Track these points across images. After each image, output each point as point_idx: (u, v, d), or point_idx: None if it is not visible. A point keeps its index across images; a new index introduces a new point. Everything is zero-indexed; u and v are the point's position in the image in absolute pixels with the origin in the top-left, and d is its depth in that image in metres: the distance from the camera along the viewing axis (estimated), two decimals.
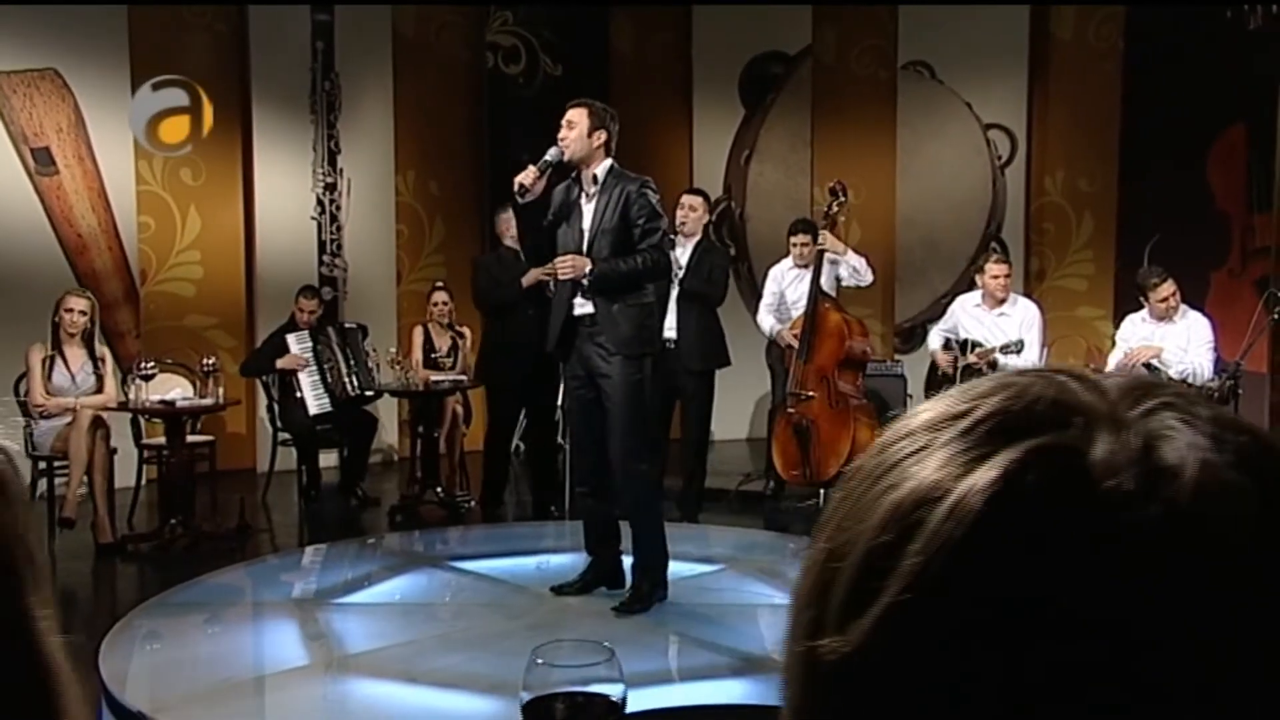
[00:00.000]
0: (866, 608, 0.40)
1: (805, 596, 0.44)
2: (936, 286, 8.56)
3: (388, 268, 8.22)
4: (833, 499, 0.47)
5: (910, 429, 0.44)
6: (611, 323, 4.24)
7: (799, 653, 0.43)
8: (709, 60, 8.87)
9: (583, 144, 4.29)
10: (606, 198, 4.28)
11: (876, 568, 0.40)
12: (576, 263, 4.23)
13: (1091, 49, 8.12)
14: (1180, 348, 5.71)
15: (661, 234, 4.32)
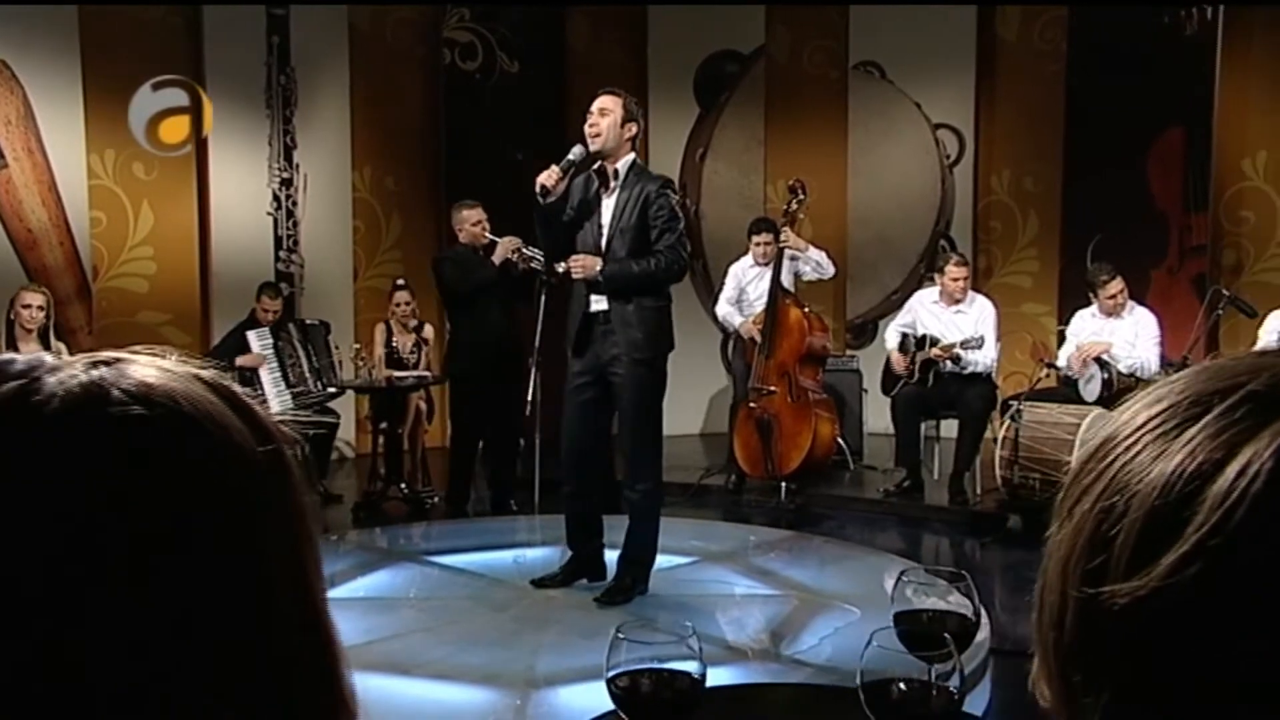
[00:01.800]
0: (1157, 559, 0.48)
1: (1079, 553, 0.52)
2: (887, 283, 8.74)
3: (344, 264, 8.19)
4: (1082, 474, 0.55)
5: (1168, 404, 0.52)
6: (624, 324, 4.22)
7: (1081, 599, 0.51)
8: (664, 59, 8.95)
9: (614, 134, 4.22)
10: (627, 195, 4.23)
11: (1160, 525, 0.48)
12: (587, 263, 4.22)
13: (1036, 51, 8.34)
14: (1129, 342, 5.93)
15: (679, 236, 4.26)
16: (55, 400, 0.58)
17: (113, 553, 0.56)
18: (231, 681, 0.58)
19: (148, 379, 0.60)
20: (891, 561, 5.27)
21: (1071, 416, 5.69)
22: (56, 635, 0.55)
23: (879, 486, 6.64)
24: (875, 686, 1.28)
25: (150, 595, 0.56)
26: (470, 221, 6.22)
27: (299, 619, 0.62)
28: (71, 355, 0.64)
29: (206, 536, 0.58)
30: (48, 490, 0.56)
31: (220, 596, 0.58)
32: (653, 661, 1.32)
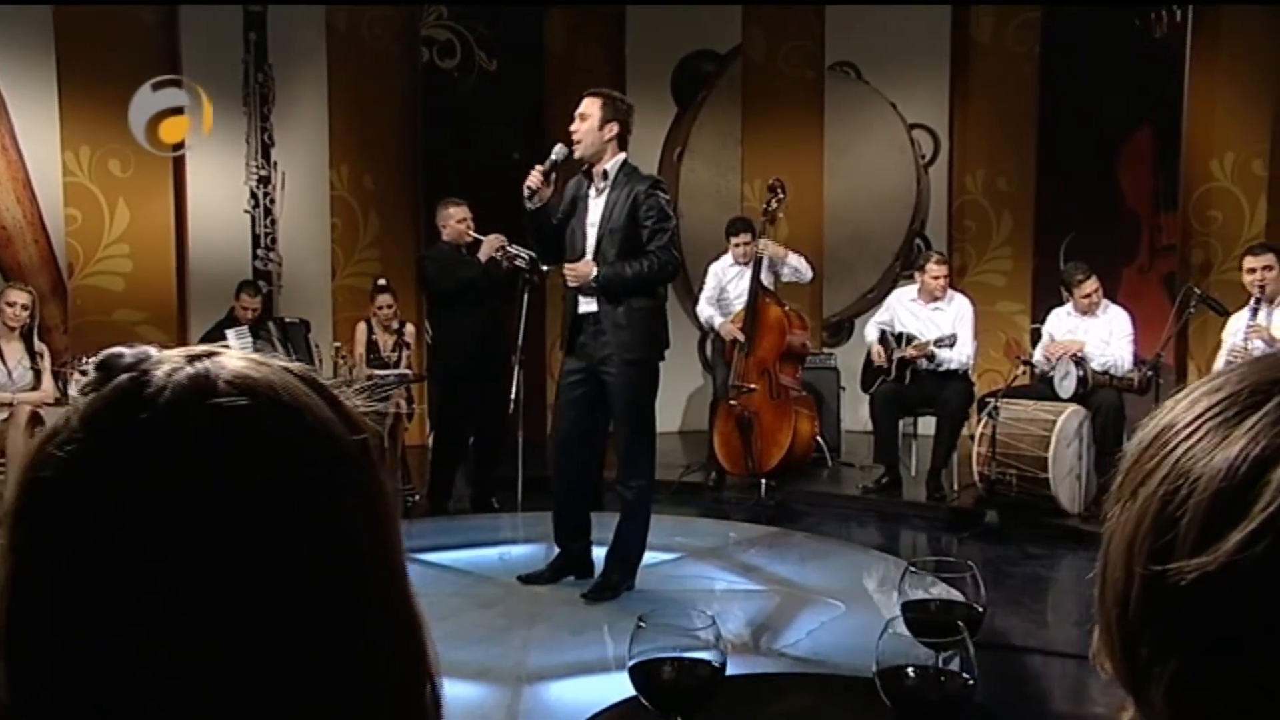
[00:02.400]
0: (1224, 537, 0.52)
1: (1145, 533, 0.56)
2: (863, 282, 8.82)
3: (322, 262, 8.16)
4: (1142, 459, 0.59)
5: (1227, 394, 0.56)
6: (615, 325, 4.24)
7: (1147, 576, 0.55)
8: (642, 58, 8.98)
9: (594, 137, 4.26)
10: (616, 195, 4.25)
11: (1226, 506, 0.52)
12: (580, 270, 4.24)
13: (1009, 52, 8.43)
14: (1103, 340, 6.03)
15: (670, 236, 4.29)
16: (166, 391, 0.61)
17: (220, 533, 0.59)
18: (327, 654, 0.61)
19: (248, 372, 0.64)
20: (872, 557, 5.35)
21: (1047, 413, 5.78)
22: (165, 612, 0.58)
23: (858, 483, 6.70)
24: (891, 675, 1.32)
25: (254, 573, 0.60)
26: (455, 219, 6.24)
27: (387, 594, 0.66)
28: None
29: (304, 517, 0.62)
30: (160, 474, 0.59)
31: (318, 573, 0.62)
32: (674, 650, 1.36)
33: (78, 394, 0.64)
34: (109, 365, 0.64)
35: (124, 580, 0.58)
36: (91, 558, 0.58)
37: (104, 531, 0.58)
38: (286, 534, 0.61)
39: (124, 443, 0.60)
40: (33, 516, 0.60)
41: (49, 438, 0.62)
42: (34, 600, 0.60)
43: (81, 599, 0.58)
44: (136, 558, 0.58)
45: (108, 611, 0.58)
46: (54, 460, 0.60)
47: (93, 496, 0.59)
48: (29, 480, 0.61)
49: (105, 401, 0.61)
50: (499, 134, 8.23)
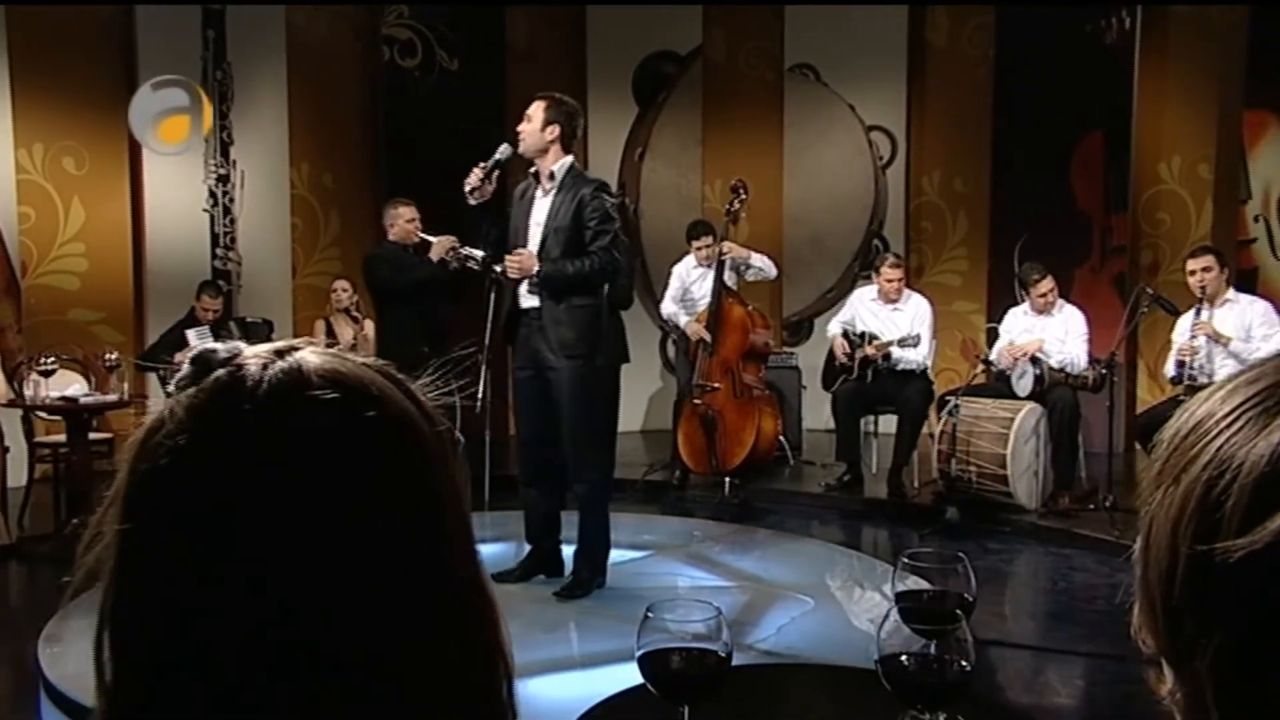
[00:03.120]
0: (1268, 518, 0.57)
1: (1190, 515, 0.60)
2: (822, 282, 8.93)
3: (283, 261, 8.10)
4: (1184, 445, 0.63)
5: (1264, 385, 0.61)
6: (555, 322, 4.31)
7: (1193, 555, 0.60)
8: (603, 58, 9.02)
9: (536, 138, 4.34)
10: (562, 197, 4.34)
11: (1270, 490, 0.57)
12: (525, 263, 4.30)
13: (965, 56, 8.57)
14: (1059, 339, 6.16)
15: (613, 237, 4.36)
16: (264, 384, 0.65)
17: (319, 517, 0.63)
18: (418, 632, 0.65)
19: (336, 366, 0.68)
20: (836, 553, 5.43)
21: (1006, 411, 5.90)
22: (269, 593, 0.61)
23: (820, 481, 6.79)
24: (891, 663, 1.37)
25: (351, 554, 0.63)
26: (405, 219, 6.23)
27: (467, 576, 0.69)
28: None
29: (395, 502, 0.66)
30: (264, 461, 0.63)
31: (409, 555, 0.66)
32: (680, 640, 1.40)
33: (174, 388, 0.68)
34: (204, 360, 0.67)
35: (232, 562, 0.61)
36: (201, 541, 0.61)
37: (213, 516, 0.62)
38: (379, 518, 0.65)
39: (230, 432, 0.63)
40: (145, 504, 0.63)
41: (154, 429, 0.65)
42: (144, 584, 0.63)
43: (190, 581, 0.62)
44: (244, 540, 0.62)
45: (215, 593, 0.61)
46: (163, 450, 0.63)
47: (203, 483, 0.62)
48: (139, 471, 0.64)
49: (208, 394, 0.65)
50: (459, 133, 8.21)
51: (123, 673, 0.64)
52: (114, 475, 0.67)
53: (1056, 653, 4.21)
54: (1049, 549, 5.60)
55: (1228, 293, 5.76)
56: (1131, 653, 2.44)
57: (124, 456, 0.66)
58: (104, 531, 0.66)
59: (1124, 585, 2.68)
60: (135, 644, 0.63)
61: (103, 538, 0.66)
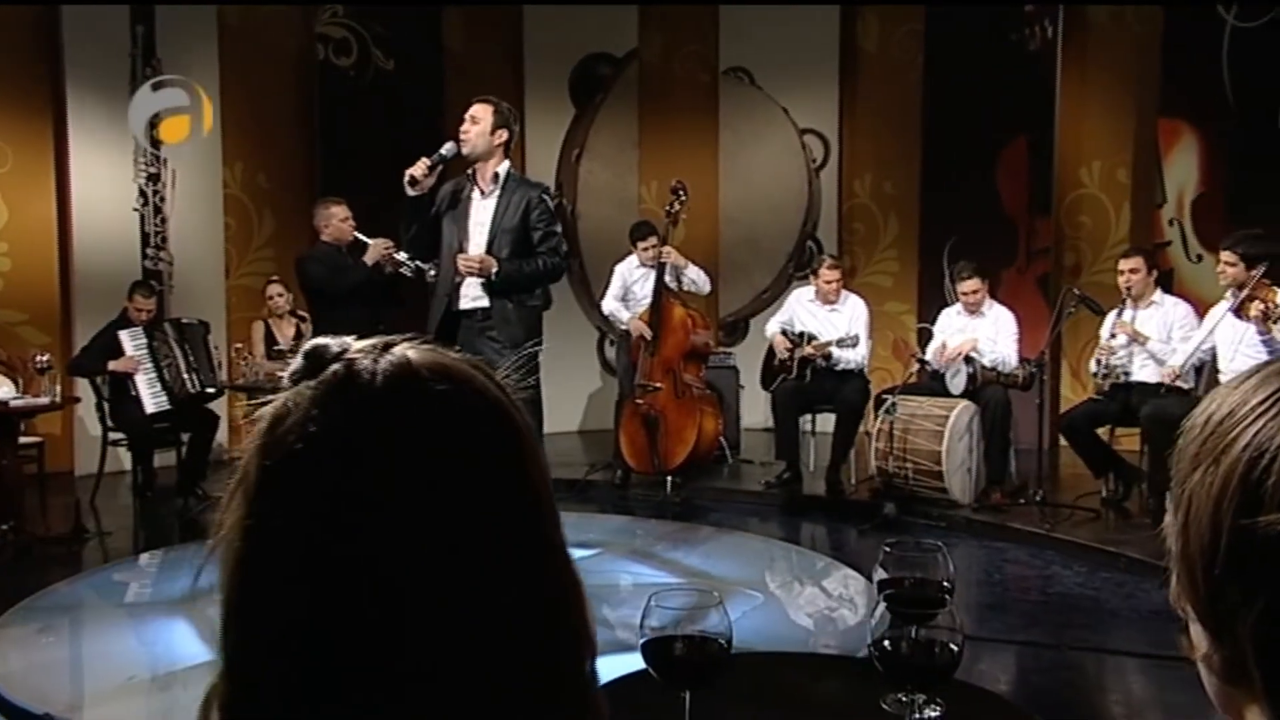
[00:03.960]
0: None
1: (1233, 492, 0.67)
2: (757, 282, 9.05)
3: (215, 261, 7.99)
4: (1222, 428, 0.70)
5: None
6: (505, 321, 4.35)
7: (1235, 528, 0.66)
8: (540, 59, 9.04)
9: (484, 141, 4.38)
10: (508, 199, 4.39)
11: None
12: (485, 263, 4.32)
13: (895, 62, 8.77)
14: (990, 339, 6.35)
15: (559, 238, 4.46)
16: (379, 377, 0.69)
17: (438, 501, 0.67)
18: (527, 609, 0.70)
19: (440, 359, 0.73)
20: (780, 549, 5.53)
21: (941, 409, 6.06)
22: (396, 574, 0.66)
23: (759, 479, 6.89)
24: (885, 647, 1.44)
25: (471, 536, 0.68)
26: (338, 218, 6.17)
27: (564, 554, 0.74)
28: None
29: (505, 488, 0.71)
30: (387, 448, 0.67)
31: (519, 537, 0.71)
32: (683, 626, 1.46)
33: (288, 381, 0.72)
34: (318, 355, 0.72)
35: (360, 545, 0.66)
36: (332, 525, 0.66)
37: (343, 500, 0.66)
38: (492, 502, 0.69)
39: (355, 421, 0.68)
40: (276, 491, 0.67)
41: (279, 420, 0.69)
42: (272, 569, 0.67)
43: (319, 565, 0.66)
44: (371, 524, 0.66)
45: (343, 575, 0.65)
46: (292, 440, 0.67)
47: (332, 469, 0.66)
48: (270, 461, 0.68)
49: (330, 387, 0.69)
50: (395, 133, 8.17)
51: (249, 654, 0.68)
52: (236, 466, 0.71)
53: (994, 642, 4.34)
54: (983, 542, 5.77)
55: (1154, 295, 5.98)
56: (1065, 642, 2.60)
57: (248, 448, 0.70)
58: (227, 521, 0.69)
59: (1055, 576, 2.83)
60: (263, 627, 0.67)
61: (225, 527, 0.70)
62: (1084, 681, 4.13)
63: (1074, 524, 5.75)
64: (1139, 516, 5.85)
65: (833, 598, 4.87)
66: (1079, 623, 4.57)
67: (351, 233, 6.09)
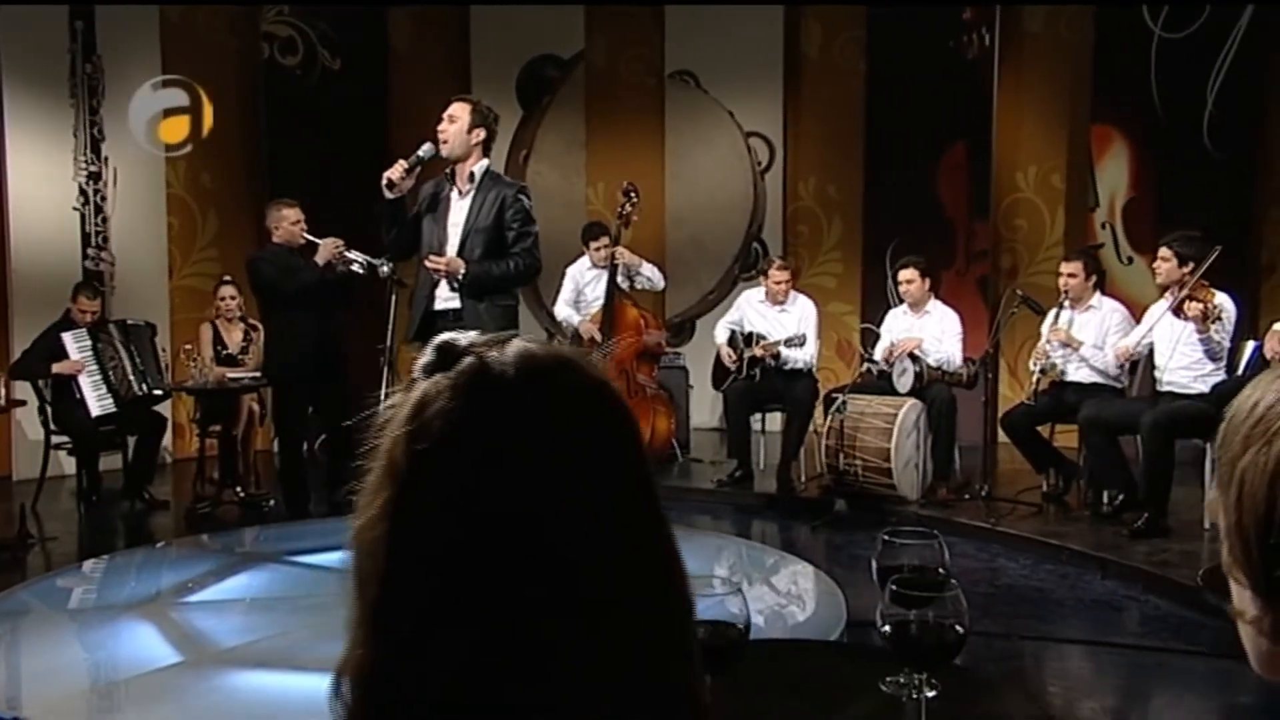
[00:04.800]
0: None
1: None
2: (704, 283, 9.15)
3: (158, 262, 7.88)
4: (1269, 415, 0.78)
5: None
6: (477, 321, 4.34)
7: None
8: (487, 60, 9.05)
9: (461, 140, 4.38)
10: (482, 198, 4.39)
11: None
12: (452, 264, 4.33)
13: (837, 68, 8.93)
14: (935, 338, 6.51)
15: (534, 239, 4.44)
16: (508, 368, 0.75)
17: (574, 477, 0.73)
18: (654, 581, 0.76)
19: (560, 352, 0.79)
20: (737, 544, 5.62)
21: (889, 407, 6.21)
22: (534, 551, 0.71)
23: (710, 477, 6.98)
24: (895, 629, 1.52)
25: (602, 509, 0.74)
26: (290, 220, 6.13)
27: (669, 525, 0.80)
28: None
29: (627, 465, 0.77)
30: (522, 433, 0.73)
31: (642, 511, 0.77)
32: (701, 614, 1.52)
33: (420, 373, 0.77)
34: (448, 349, 0.77)
35: (502, 519, 0.71)
36: (476, 499, 0.71)
37: (485, 482, 0.71)
38: (618, 478, 0.76)
39: (493, 407, 0.74)
40: (422, 477, 0.72)
41: (422, 407, 0.74)
42: (420, 544, 0.72)
43: (466, 537, 0.71)
44: (511, 499, 0.72)
45: (488, 548, 0.71)
46: (438, 425, 0.72)
47: (474, 453, 0.72)
48: (415, 448, 0.73)
49: (467, 377, 0.75)
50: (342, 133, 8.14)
51: (393, 623, 0.72)
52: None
53: None
54: None
55: (1092, 298, 6.17)
56: (1014, 630, 2.72)
57: (394, 434, 0.75)
58: (373, 502, 0.74)
59: (1001, 569, 2.95)
60: (409, 601, 0.72)
61: (370, 509, 0.75)
62: (1034, 668, 4.28)
63: (1017, 518, 5.93)
64: (1078, 510, 6.05)
65: (785, 592, 4.97)
66: (1026, 612, 4.72)
67: (302, 235, 6.06)
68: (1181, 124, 7.95)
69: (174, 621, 4.07)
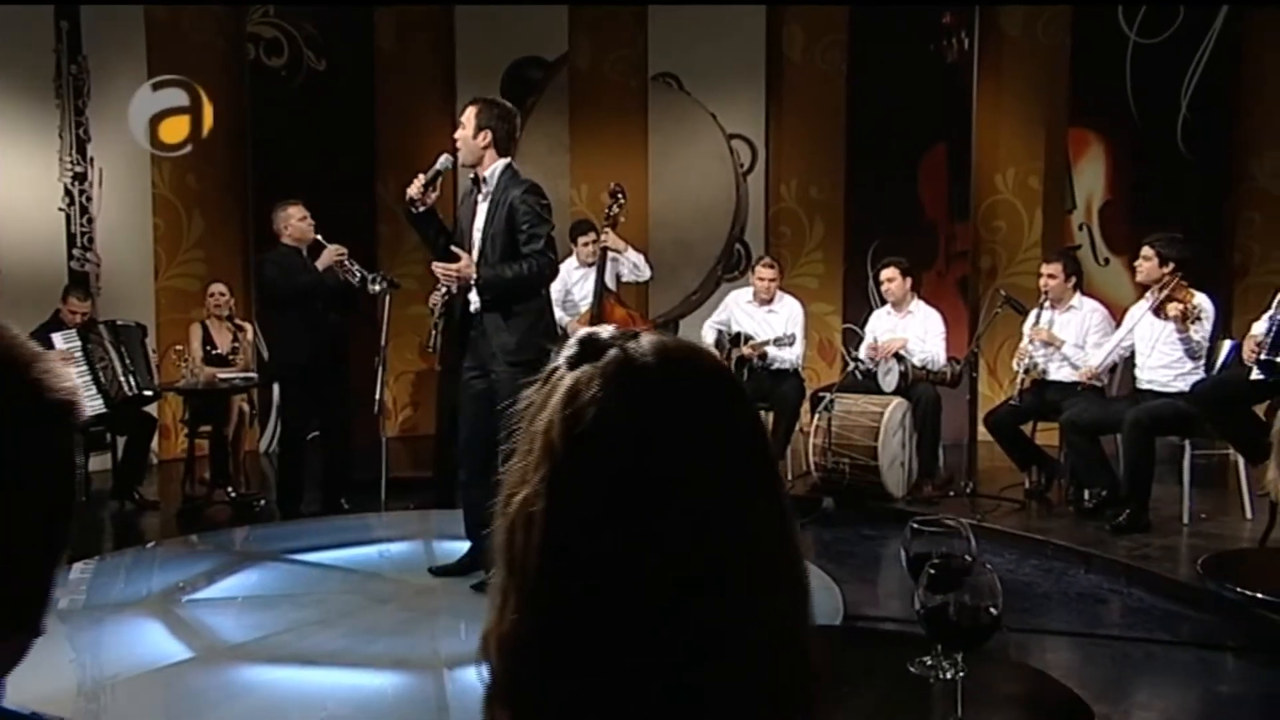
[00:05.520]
0: None
1: None
2: (687, 284, 9.23)
3: (144, 263, 7.85)
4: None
5: None
6: (496, 328, 4.37)
7: None
8: (472, 61, 9.08)
9: (469, 146, 4.40)
10: (495, 201, 4.41)
11: None
12: (463, 270, 4.36)
13: (819, 71, 9.03)
14: (919, 338, 6.62)
15: (544, 241, 4.42)
16: (649, 358, 0.82)
17: (716, 458, 0.81)
18: (789, 565, 0.83)
19: (686, 344, 0.86)
20: None
21: (875, 406, 6.31)
22: (682, 527, 0.78)
23: None
24: (934, 612, 1.60)
25: (744, 492, 0.81)
26: (296, 217, 6.20)
27: (790, 505, 0.88)
28: None
29: (759, 454, 0.84)
30: (662, 418, 0.80)
31: (773, 498, 0.84)
32: None
33: (565, 365, 0.84)
34: (592, 341, 0.84)
35: (649, 501, 0.78)
36: (626, 483, 0.78)
37: (635, 461, 0.78)
38: (755, 464, 0.83)
39: (639, 394, 0.81)
40: (579, 457, 0.79)
41: (574, 395, 0.81)
42: (575, 524, 0.79)
43: (616, 520, 0.78)
44: (659, 482, 0.78)
45: (636, 528, 0.78)
46: (591, 411, 0.79)
47: (625, 435, 0.79)
48: (572, 431, 0.79)
49: (617, 367, 0.82)
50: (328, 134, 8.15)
51: (558, 595, 0.79)
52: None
53: None
54: None
55: (1072, 299, 6.29)
56: (1002, 622, 2.73)
57: (550, 418, 0.81)
58: (527, 482, 0.81)
59: (988, 563, 2.92)
60: (572, 569, 0.79)
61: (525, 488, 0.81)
62: (1023, 659, 4.39)
63: (1001, 514, 6.05)
64: (1060, 506, 6.18)
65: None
66: (1013, 605, 4.79)
67: (312, 232, 6.12)
68: (1156, 127, 8.12)
69: (180, 619, 4.11)
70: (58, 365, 0.80)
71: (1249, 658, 4.26)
